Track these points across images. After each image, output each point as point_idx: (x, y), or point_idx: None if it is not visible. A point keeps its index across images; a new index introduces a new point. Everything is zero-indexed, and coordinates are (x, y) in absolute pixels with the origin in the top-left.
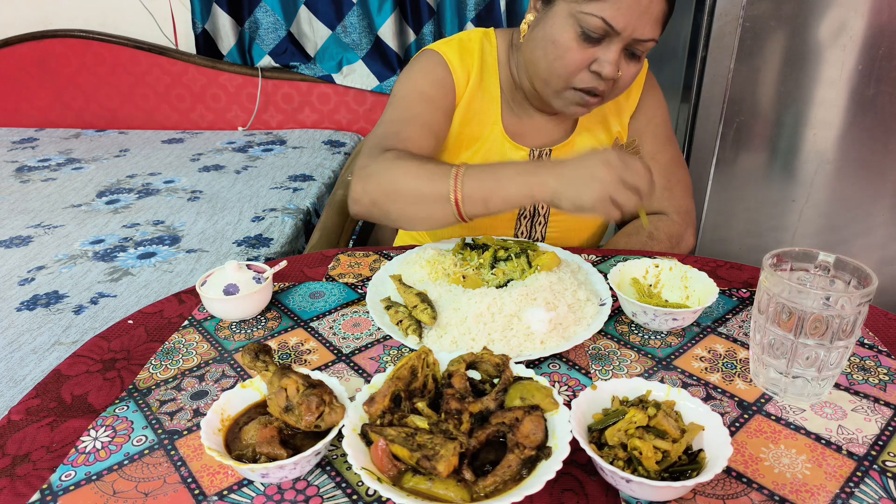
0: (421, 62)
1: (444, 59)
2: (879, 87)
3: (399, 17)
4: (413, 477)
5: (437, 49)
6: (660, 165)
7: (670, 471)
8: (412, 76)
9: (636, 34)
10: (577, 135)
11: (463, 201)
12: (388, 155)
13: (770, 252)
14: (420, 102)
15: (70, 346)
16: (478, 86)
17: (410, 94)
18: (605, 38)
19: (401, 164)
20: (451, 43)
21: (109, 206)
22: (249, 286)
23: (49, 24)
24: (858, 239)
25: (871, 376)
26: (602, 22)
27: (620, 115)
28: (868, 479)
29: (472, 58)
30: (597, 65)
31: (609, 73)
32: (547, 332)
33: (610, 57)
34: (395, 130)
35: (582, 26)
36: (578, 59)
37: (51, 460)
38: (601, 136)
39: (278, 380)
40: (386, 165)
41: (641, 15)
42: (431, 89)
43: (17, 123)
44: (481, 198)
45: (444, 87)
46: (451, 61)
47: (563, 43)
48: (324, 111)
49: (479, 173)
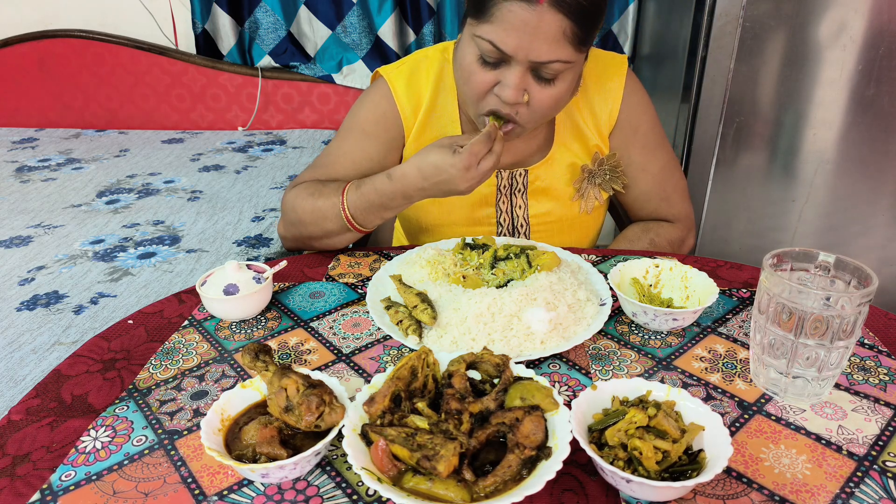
0: (368, 95)
1: (389, 89)
2: (879, 87)
3: (399, 17)
4: (413, 477)
5: (387, 76)
6: (652, 176)
7: (670, 471)
8: (359, 109)
9: (532, 56)
10: (554, 151)
11: (350, 212)
12: (293, 191)
13: (770, 252)
14: (355, 139)
15: (70, 346)
16: (431, 110)
17: (350, 129)
18: (503, 62)
19: (299, 194)
20: (402, 67)
21: (109, 206)
22: (249, 286)
23: (49, 24)
24: (858, 239)
25: (871, 376)
26: (492, 45)
27: (598, 126)
28: (868, 479)
29: (425, 82)
30: (498, 88)
31: (508, 96)
32: (547, 332)
33: (509, 81)
34: (322, 163)
35: (479, 49)
36: (481, 81)
37: (51, 460)
38: (577, 149)
39: (278, 380)
40: (290, 200)
41: (532, 36)
42: (370, 125)
43: (17, 123)
44: (364, 204)
45: (385, 121)
46: (397, 91)
47: (466, 66)
48: (324, 111)
49: (359, 183)
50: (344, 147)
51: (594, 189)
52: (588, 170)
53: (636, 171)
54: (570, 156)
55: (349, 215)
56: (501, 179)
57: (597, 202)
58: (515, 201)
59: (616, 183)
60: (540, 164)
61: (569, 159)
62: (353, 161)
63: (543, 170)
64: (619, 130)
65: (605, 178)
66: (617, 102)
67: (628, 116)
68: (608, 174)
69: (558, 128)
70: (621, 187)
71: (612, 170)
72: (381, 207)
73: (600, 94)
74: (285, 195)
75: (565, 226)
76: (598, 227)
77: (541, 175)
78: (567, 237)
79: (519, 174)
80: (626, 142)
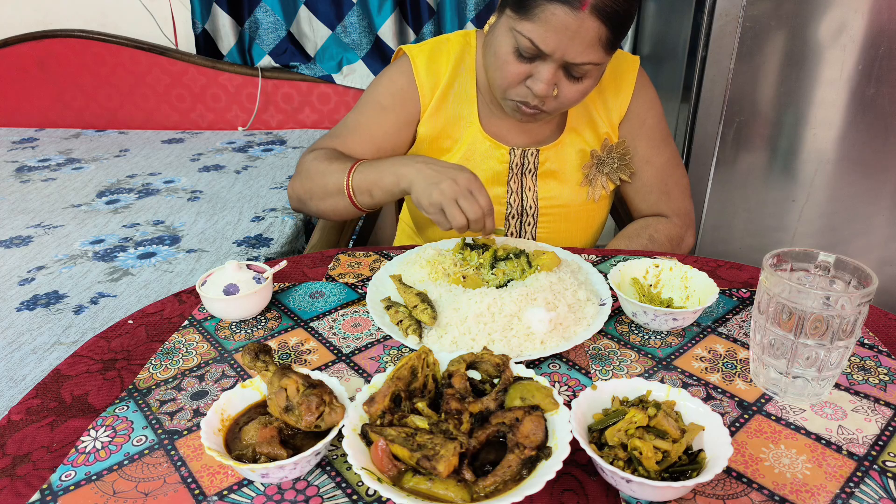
0: (389, 70)
1: (410, 66)
2: (879, 87)
3: (399, 17)
4: (413, 477)
5: (409, 52)
6: (655, 168)
7: (670, 471)
8: (378, 83)
9: (567, 57)
10: (565, 135)
11: (354, 192)
12: (310, 156)
13: (770, 252)
14: (373, 112)
15: (70, 346)
16: (449, 89)
17: (368, 101)
18: (538, 57)
19: (315, 164)
20: (424, 47)
21: (109, 206)
22: (249, 286)
23: (49, 24)
24: (858, 239)
25: (871, 376)
26: (530, 43)
27: (610, 117)
28: (868, 479)
29: (445, 61)
30: (531, 81)
31: (539, 91)
32: (547, 332)
33: (542, 76)
34: (338, 133)
35: (516, 43)
36: (514, 72)
37: (51, 460)
38: (588, 136)
39: (278, 380)
40: (305, 166)
41: (571, 39)
42: (388, 99)
43: (17, 123)
44: (367, 188)
45: (402, 97)
46: (418, 68)
47: (501, 55)
48: (324, 111)
49: (366, 167)
50: (361, 119)
51: (602, 177)
52: (597, 156)
53: (641, 162)
54: (580, 141)
55: (352, 185)
56: (514, 157)
57: (603, 191)
58: (526, 182)
59: (623, 172)
60: (551, 146)
61: (579, 144)
62: (370, 132)
63: (554, 152)
64: (628, 121)
65: (614, 166)
66: (628, 96)
67: (638, 109)
68: (616, 162)
69: (571, 113)
70: (628, 176)
71: (621, 158)
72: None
73: (613, 88)
74: (303, 156)
75: (571, 212)
76: (603, 220)
77: (551, 157)
78: (573, 225)
79: (531, 153)
80: (633, 133)
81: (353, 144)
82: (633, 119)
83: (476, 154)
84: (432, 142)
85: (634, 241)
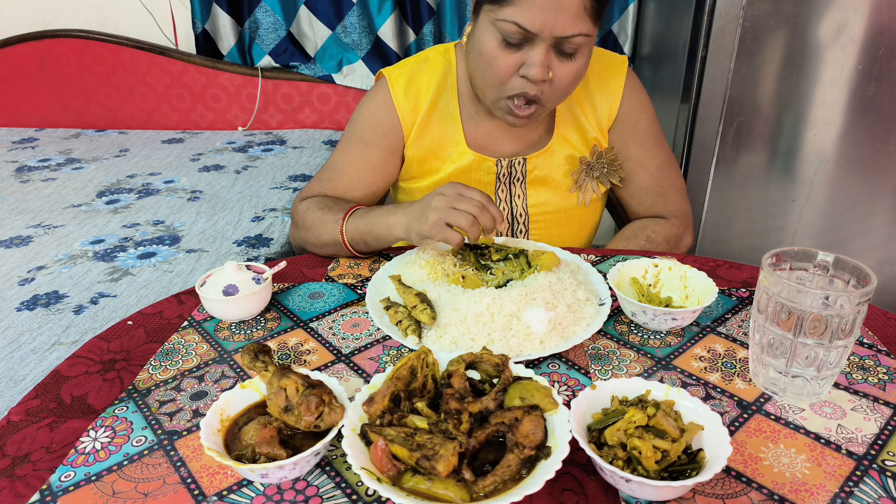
0: (367, 101)
1: (389, 92)
2: (879, 87)
3: (399, 17)
4: (413, 477)
5: (388, 76)
6: (650, 172)
7: (670, 470)
8: (359, 116)
9: (556, 32)
10: (553, 141)
11: (350, 243)
12: (303, 206)
13: (769, 252)
14: (356, 150)
15: (70, 347)
16: (432, 110)
17: (350, 139)
18: (526, 41)
19: (309, 215)
20: (405, 69)
21: (109, 206)
22: (249, 287)
23: (49, 24)
24: (858, 239)
25: (870, 376)
26: (516, 26)
27: (598, 121)
28: (867, 478)
29: (426, 83)
30: (524, 68)
31: (535, 75)
32: (546, 332)
33: (535, 59)
34: (327, 178)
35: (501, 33)
36: (505, 65)
37: (50, 461)
38: (576, 141)
39: (278, 380)
40: (300, 216)
41: (557, 12)
42: (369, 134)
43: (17, 123)
44: (360, 239)
45: (383, 129)
46: (396, 93)
47: (488, 52)
48: (324, 111)
49: (357, 219)
50: (347, 159)
51: (592, 182)
52: (586, 162)
53: (634, 166)
54: (568, 147)
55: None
56: (501, 168)
57: (594, 195)
58: (514, 191)
59: (613, 176)
60: (539, 154)
61: (567, 150)
62: (357, 174)
63: (542, 159)
64: (619, 126)
65: (603, 171)
66: (617, 99)
67: (628, 112)
68: (606, 167)
69: (558, 119)
70: (618, 181)
71: (610, 163)
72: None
73: (601, 91)
74: (295, 206)
75: (563, 217)
76: (596, 223)
77: (539, 164)
78: (565, 230)
79: (518, 162)
80: (625, 137)
81: (343, 188)
82: (625, 123)
83: (464, 171)
84: (420, 163)
85: (632, 242)
